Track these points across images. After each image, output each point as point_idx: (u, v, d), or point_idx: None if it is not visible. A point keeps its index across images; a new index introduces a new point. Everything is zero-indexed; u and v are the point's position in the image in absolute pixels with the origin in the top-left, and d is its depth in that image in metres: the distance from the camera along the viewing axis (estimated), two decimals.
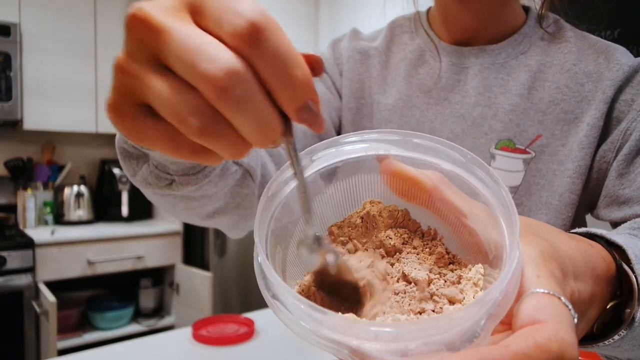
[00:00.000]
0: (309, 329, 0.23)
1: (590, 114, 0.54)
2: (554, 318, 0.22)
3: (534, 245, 0.26)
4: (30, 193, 2.45)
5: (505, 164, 0.57)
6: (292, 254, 0.32)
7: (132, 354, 0.98)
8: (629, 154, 0.51)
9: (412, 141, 0.31)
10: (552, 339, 0.20)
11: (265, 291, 0.26)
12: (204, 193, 0.46)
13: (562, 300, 0.23)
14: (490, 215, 0.28)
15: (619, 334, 0.31)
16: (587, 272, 0.28)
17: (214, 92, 0.21)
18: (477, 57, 0.60)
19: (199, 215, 0.50)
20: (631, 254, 0.32)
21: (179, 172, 0.42)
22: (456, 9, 0.60)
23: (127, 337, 2.13)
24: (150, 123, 0.24)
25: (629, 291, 0.31)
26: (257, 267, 0.27)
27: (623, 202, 0.51)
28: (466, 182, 0.30)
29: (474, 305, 0.22)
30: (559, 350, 0.20)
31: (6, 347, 2.08)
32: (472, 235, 0.30)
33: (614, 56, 0.55)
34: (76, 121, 2.55)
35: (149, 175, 0.43)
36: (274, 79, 0.22)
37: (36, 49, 2.41)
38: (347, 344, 0.22)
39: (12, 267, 2.07)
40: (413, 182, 0.30)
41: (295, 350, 1.01)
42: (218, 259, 2.61)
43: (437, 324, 0.21)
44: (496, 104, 0.58)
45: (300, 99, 0.23)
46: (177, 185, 0.43)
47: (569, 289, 0.25)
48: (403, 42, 0.67)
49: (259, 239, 0.27)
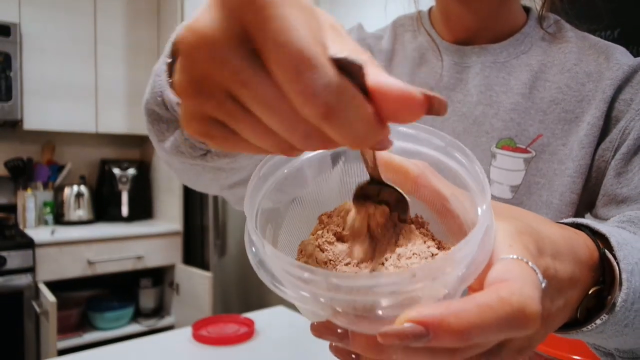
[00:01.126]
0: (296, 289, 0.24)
1: (591, 113, 0.54)
2: (519, 277, 0.23)
3: (511, 224, 0.27)
4: (30, 193, 2.45)
5: (506, 163, 0.57)
6: (283, 236, 0.33)
7: (132, 354, 0.98)
8: (627, 153, 0.52)
9: (396, 129, 0.32)
10: (514, 293, 0.22)
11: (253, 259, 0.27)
12: (237, 165, 0.44)
13: (530, 265, 0.24)
14: (468, 196, 0.29)
15: (600, 319, 0.31)
16: (569, 255, 0.29)
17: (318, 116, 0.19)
18: (478, 56, 0.61)
19: (220, 185, 0.49)
20: (614, 242, 0.33)
21: None
22: (457, 8, 0.60)
23: (127, 337, 2.13)
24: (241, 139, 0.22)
25: (612, 278, 0.32)
26: (246, 238, 0.28)
27: (621, 201, 0.51)
28: (447, 166, 0.31)
29: (442, 262, 0.23)
30: (520, 303, 0.21)
31: (6, 347, 2.08)
32: (454, 218, 0.31)
33: (614, 56, 0.56)
34: (76, 121, 2.55)
35: (183, 143, 0.41)
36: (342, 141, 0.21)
37: (36, 48, 2.41)
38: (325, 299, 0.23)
39: (12, 267, 2.07)
40: (399, 170, 0.31)
41: (296, 350, 1.01)
42: (218, 259, 2.61)
43: (408, 278, 0.22)
44: (497, 103, 0.58)
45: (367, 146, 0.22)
46: (212, 156, 0.41)
47: (542, 263, 0.26)
48: (406, 41, 0.67)
49: (249, 214, 0.28)
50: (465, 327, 0.20)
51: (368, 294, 0.22)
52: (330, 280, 0.22)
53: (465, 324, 0.20)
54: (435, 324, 0.20)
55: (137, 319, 2.63)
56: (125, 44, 2.66)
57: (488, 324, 0.21)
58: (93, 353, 0.97)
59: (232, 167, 0.45)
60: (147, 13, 2.74)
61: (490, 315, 0.21)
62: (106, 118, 2.64)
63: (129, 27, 2.67)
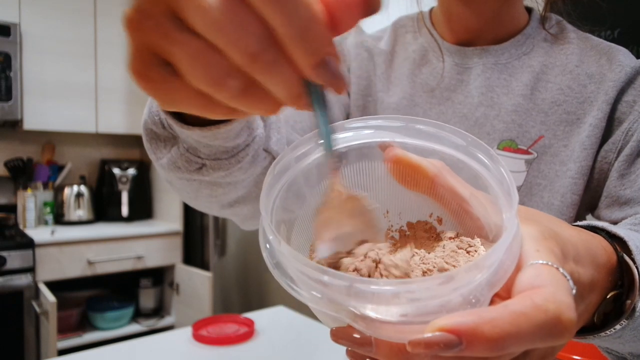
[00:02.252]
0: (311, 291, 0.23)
1: (593, 114, 0.54)
2: (552, 283, 0.22)
3: (534, 227, 0.26)
4: (30, 193, 2.45)
5: (507, 165, 0.57)
6: (295, 236, 0.32)
7: (132, 354, 0.98)
8: (630, 155, 0.52)
9: (415, 127, 0.31)
10: (549, 300, 0.21)
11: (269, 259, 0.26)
12: (232, 179, 0.45)
13: (561, 271, 0.23)
14: (490, 199, 0.29)
15: (620, 324, 0.31)
16: (588, 258, 0.28)
17: (245, 59, 0.20)
18: (480, 57, 0.61)
19: (220, 203, 0.49)
20: (632, 246, 0.32)
21: (210, 156, 0.41)
22: (459, 9, 0.60)
23: (127, 337, 2.13)
24: (180, 84, 0.22)
25: (630, 282, 0.31)
26: (261, 237, 0.27)
27: (624, 203, 0.51)
28: (467, 165, 0.30)
29: (474, 269, 0.22)
30: (556, 310, 0.21)
31: (6, 347, 2.08)
32: (473, 220, 0.30)
33: (616, 58, 0.56)
34: (76, 121, 2.55)
35: (179, 158, 0.42)
36: (287, 35, 0.20)
37: (36, 49, 2.41)
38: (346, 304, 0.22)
39: (12, 267, 2.07)
40: (416, 169, 0.30)
41: (296, 350, 1.01)
42: (218, 259, 2.61)
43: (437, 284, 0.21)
44: (499, 104, 0.58)
45: (316, 56, 0.21)
46: (208, 169, 0.42)
47: (567, 268, 0.25)
48: (406, 42, 0.67)
49: (265, 211, 0.27)
50: (500, 336, 0.19)
51: (393, 300, 0.22)
52: (354, 285, 0.22)
53: (500, 332, 0.19)
54: (469, 332, 0.19)
55: (137, 319, 2.63)
56: (126, 44, 2.65)
57: (524, 333, 0.20)
58: (93, 353, 0.97)
59: (227, 181, 0.45)
60: None
61: (526, 324, 0.20)
62: (106, 118, 2.64)
63: None
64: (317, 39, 0.21)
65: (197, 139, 0.38)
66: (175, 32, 0.20)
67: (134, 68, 0.23)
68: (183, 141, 0.41)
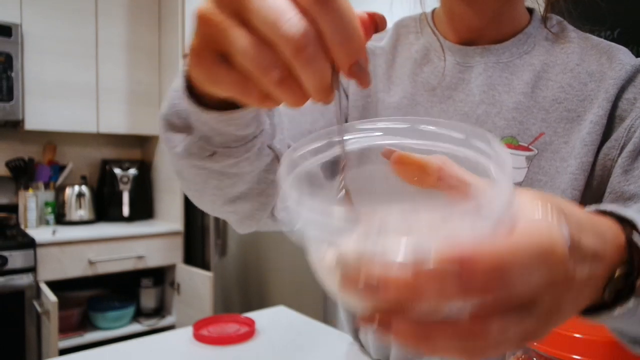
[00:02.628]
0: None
1: (593, 112, 0.55)
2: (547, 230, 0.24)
3: (533, 193, 0.27)
4: (32, 193, 2.45)
5: None
6: None
7: (133, 353, 0.98)
8: (633, 151, 0.52)
9: (415, 128, 0.33)
10: (543, 235, 0.23)
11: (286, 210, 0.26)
12: (239, 170, 0.48)
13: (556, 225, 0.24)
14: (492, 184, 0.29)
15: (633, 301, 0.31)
16: (592, 232, 0.28)
17: (291, 50, 0.25)
18: (481, 56, 0.61)
19: (225, 197, 0.52)
20: None
21: (222, 144, 0.45)
22: (461, 8, 0.61)
23: (128, 337, 2.13)
24: (226, 70, 0.28)
25: None
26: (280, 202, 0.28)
27: (628, 198, 0.52)
28: (466, 157, 0.31)
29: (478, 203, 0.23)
30: (550, 242, 0.23)
31: (7, 347, 2.08)
32: None
33: (616, 56, 0.56)
34: (77, 121, 2.55)
35: (193, 145, 0.46)
36: (334, 38, 0.25)
37: (37, 49, 2.41)
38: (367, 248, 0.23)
39: (13, 267, 2.07)
40: (420, 165, 0.32)
41: (296, 349, 1.01)
42: (219, 259, 2.61)
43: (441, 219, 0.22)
44: (500, 102, 0.59)
45: (354, 57, 0.26)
46: (218, 156, 0.46)
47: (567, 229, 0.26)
48: (409, 42, 0.67)
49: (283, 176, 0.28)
50: (499, 261, 0.21)
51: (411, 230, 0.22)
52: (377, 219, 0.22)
53: (497, 256, 0.21)
54: (469, 258, 0.20)
55: (138, 318, 2.63)
56: (127, 44, 2.66)
57: (520, 259, 0.21)
58: (94, 353, 0.97)
59: (234, 171, 0.48)
60: (149, 14, 2.75)
61: (522, 251, 0.22)
62: (107, 118, 2.64)
63: (130, 27, 2.68)
64: (356, 44, 0.26)
65: (213, 125, 0.42)
66: (236, 28, 0.26)
67: (193, 48, 0.28)
68: (198, 130, 0.45)
